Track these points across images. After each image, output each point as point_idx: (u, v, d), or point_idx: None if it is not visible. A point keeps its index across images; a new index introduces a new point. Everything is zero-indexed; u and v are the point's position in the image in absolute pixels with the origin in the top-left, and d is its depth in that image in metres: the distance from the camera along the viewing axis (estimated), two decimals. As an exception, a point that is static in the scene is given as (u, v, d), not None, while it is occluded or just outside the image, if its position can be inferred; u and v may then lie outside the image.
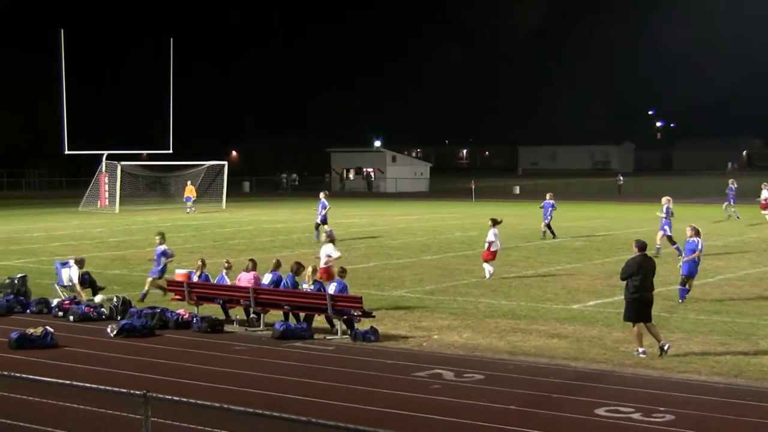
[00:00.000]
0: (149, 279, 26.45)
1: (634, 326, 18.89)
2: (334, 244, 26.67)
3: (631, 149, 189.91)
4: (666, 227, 35.71)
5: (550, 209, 43.41)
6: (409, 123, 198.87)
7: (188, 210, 64.58)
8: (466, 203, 77.24)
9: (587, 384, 16.64)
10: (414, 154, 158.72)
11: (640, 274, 18.82)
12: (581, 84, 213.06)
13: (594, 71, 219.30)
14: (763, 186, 52.95)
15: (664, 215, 36.01)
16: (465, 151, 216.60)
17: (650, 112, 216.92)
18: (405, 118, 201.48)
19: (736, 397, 15.70)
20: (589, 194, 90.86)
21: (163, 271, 26.45)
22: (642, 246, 19.34)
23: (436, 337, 20.96)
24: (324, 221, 42.29)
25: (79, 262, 26.18)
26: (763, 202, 52.38)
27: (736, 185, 56.92)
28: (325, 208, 42.56)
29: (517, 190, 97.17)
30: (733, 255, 36.74)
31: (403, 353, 19.36)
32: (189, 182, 67.77)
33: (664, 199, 36.76)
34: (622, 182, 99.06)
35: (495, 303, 25.38)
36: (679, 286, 25.23)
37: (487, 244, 30.59)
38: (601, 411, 14.71)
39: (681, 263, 25.39)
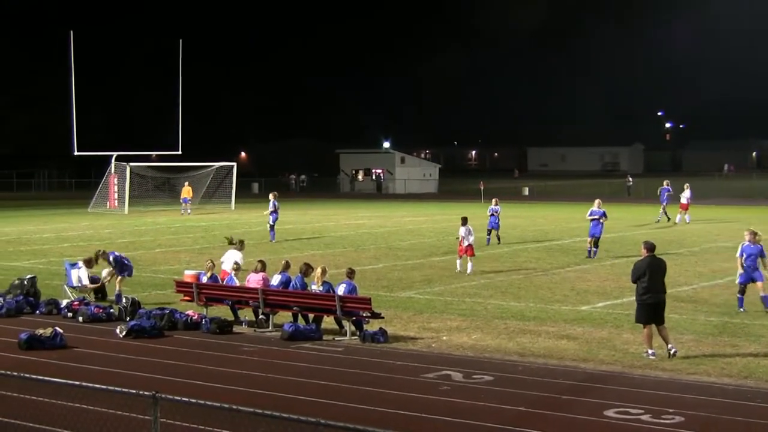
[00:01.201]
0: None
1: (644, 328, 18.83)
2: (240, 250, 26.76)
3: (640, 150, 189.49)
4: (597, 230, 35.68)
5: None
6: (418, 124, 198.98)
7: (183, 211, 64.56)
8: (475, 204, 77.15)
9: (596, 385, 16.61)
10: (423, 155, 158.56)
11: (648, 275, 18.77)
12: (590, 85, 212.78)
13: (603, 72, 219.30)
14: (685, 186, 52.35)
15: (596, 217, 35.80)
16: (474, 152, 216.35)
17: (659, 113, 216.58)
18: (414, 119, 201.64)
19: (745, 399, 15.66)
20: (599, 195, 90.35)
21: None
22: (650, 247, 19.28)
23: (445, 338, 20.95)
24: (274, 222, 43.05)
25: (88, 262, 26.20)
26: (684, 202, 51.88)
27: (671, 187, 55.56)
28: (275, 208, 43.07)
29: (526, 191, 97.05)
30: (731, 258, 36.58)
31: (412, 354, 19.35)
32: (187, 183, 67.75)
33: (596, 201, 36.60)
34: (631, 183, 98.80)
35: (504, 304, 25.35)
36: (738, 295, 24.09)
37: (459, 238, 31.87)
38: (610, 412, 14.68)
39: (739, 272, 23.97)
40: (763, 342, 20.23)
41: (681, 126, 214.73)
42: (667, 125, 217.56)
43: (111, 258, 26.42)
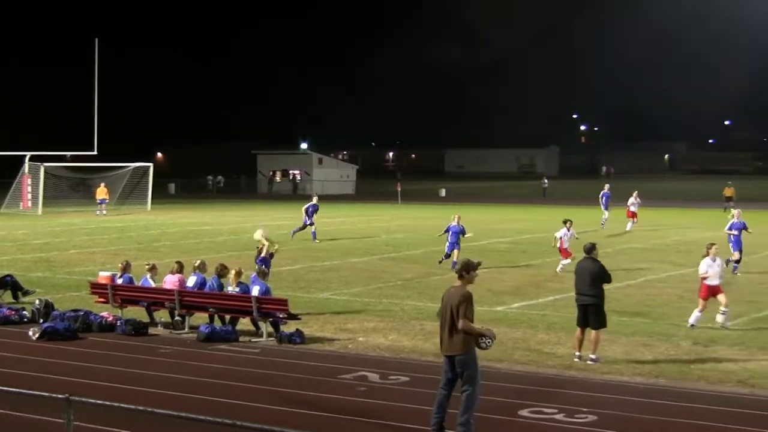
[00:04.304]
0: None
1: (577, 329, 18.88)
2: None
3: (556, 152, 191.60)
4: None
5: (312, 211, 43.78)
6: (337, 125, 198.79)
7: (98, 212, 63.81)
8: (392, 205, 77.45)
9: (511, 385, 16.76)
10: (341, 157, 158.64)
11: (576, 277, 18.84)
12: (508, 87, 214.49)
13: (519, 74, 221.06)
14: (633, 194, 51.34)
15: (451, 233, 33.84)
16: (392, 153, 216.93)
17: (574, 116, 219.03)
18: (332, 120, 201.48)
19: (657, 398, 15.93)
20: (515, 197, 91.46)
21: None
22: (584, 249, 19.25)
23: (361, 339, 20.99)
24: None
25: None
26: (630, 209, 50.67)
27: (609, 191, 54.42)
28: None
29: (443, 192, 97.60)
30: (655, 257, 37.27)
31: (328, 355, 19.38)
32: (102, 183, 66.92)
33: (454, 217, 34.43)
34: (547, 185, 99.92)
35: (421, 305, 25.48)
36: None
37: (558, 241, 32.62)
38: (524, 412, 14.85)
39: None
40: (674, 341, 20.60)
41: (595, 129, 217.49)
42: (582, 128, 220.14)
43: None
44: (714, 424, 14.37)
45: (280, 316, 21.03)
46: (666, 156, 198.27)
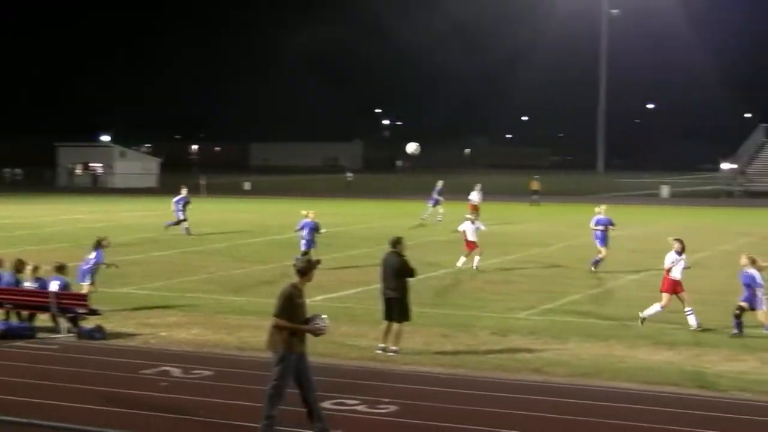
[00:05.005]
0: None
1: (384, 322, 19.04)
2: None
3: (360, 147, 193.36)
4: None
5: (182, 204, 43.57)
6: (139, 119, 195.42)
7: None
8: (195, 199, 76.59)
9: (314, 378, 16.83)
10: (144, 150, 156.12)
11: (381, 271, 19.01)
12: (312, 81, 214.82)
13: (321, 69, 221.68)
14: (476, 188, 52.24)
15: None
16: (196, 146, 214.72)
17: (377, 111, 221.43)
18: (135, 113, 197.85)
19: (457, 387, 16.32)
20: (320, 191, 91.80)
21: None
22: (389, 242, 19.27)
23: (164, 334, 20.78)
24: None
25: None
26: (475, 203, 50.93)
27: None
28: None
29: (248, 186, 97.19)
30: (454, 249, 38.02)
31: (130, 351, 19.10)
32: None
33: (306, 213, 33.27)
34: (351, 179, 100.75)
35: (224, 299, 25.38)
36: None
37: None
38: (327, 404, 14.95)
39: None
40: (472, 332, 21.09)
41: (398, 123, 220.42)
42: (386, 122, 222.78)
43: None
44: (511, 412, 14.81)
45: (80, 311, 20.61)
46: (466, 150, 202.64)
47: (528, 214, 59.07)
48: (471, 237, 31.83)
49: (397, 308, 18.72)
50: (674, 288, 21.66)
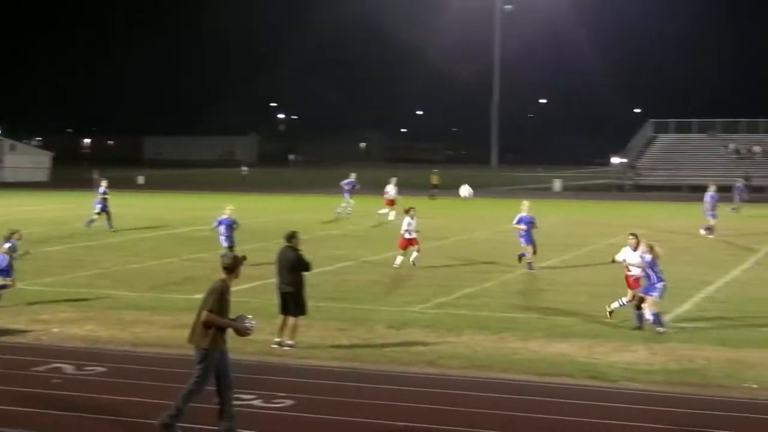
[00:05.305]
0: None
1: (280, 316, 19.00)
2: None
3: (255, 140, 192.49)
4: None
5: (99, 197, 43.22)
6: (31, 111, 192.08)
7: None
8: (88, 193, 75.47)
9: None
10: (34, 143, 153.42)
11: (276, 265, 18.95)
12: (208, 74, 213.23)
13: (220, 63, 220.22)
14: (391, 182, 52.21)
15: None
16: (89, 140, 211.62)
17: (272, 104, 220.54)
18: (27, 107, 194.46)
19: (353, 381, 16.39)
20: (215, 184, 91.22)
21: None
22: (285, 237, 19.26)
23: (56, 330, 20.46)
24: None
25: None
26: (391, 197, 51.24)
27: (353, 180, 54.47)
28: None
29: (142, 180, 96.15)
30: (351, 243, 38.14)
31: (21, 348, 18.76)
32: None
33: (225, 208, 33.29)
34: (246, 172, 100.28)
35: (118, 294, 25.09)
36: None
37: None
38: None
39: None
40: (368, 325, 21.14)
41: (293, 117, 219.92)
42: (281, 116, 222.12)
43: None
44: (406, 404, 14.91)
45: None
46: (362, 144, 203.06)
47: (426, 208, 59.31)
48: (408, 234, 31.08)
49: (293, 302, 18.71)
50: (638, 284, 21.49)
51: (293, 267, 18.76)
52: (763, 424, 14.28)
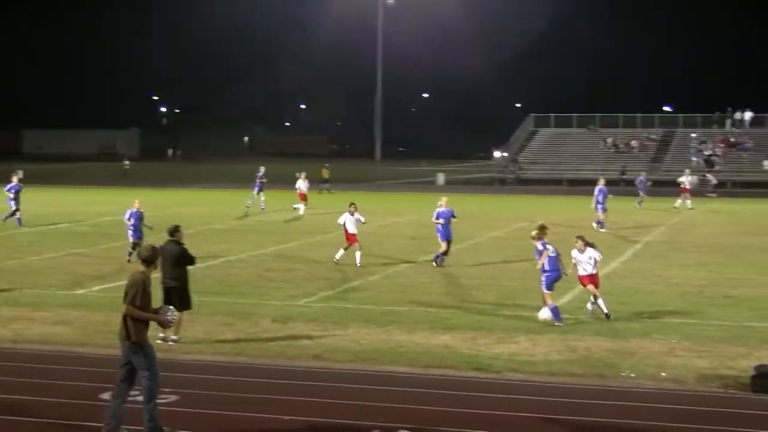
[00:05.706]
0: None
1: None
2: None
3: (137, 134, 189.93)
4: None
5: (14, 193, 42.36)
6: None
7: None
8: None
9: (93, 369, 16.58)
10: None
11: (160, 260, 18.73)
12: (88, 67, 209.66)
13: (97, 54, 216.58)
14: (302, 176, 52.27)
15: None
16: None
17: (154, 98, 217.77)
18: None
19: (238, 375, 16.38)
20: (96, 179, 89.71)
21: None
22: (168, 231, 19.11)
23: (-69, 328, 20.00)
24: None
25: None
26: (303, 191, 51.48)
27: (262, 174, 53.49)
28: None
29: (21, 174, 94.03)
30: (235, 237, 37.98)
31: None
32: None
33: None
34: (128, 166, 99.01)
35: (-4, 291, 24.62)
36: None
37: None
38: (106, 395, 14.70)
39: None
40: (253, 320, 21.07)
41: (176, 111, 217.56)
42: (163, 110, 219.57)
43: None
44: (292, 398, 14.96)
45: None
46: (246, 138, 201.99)
47: (316, 203, 59.21)
48: (351, 229, 30.61)
49: (177, 297, 18.54)
50: (591, 280, 21.83)
51: (177, 261, 18.65)
52: (638, 411, 14.63)
